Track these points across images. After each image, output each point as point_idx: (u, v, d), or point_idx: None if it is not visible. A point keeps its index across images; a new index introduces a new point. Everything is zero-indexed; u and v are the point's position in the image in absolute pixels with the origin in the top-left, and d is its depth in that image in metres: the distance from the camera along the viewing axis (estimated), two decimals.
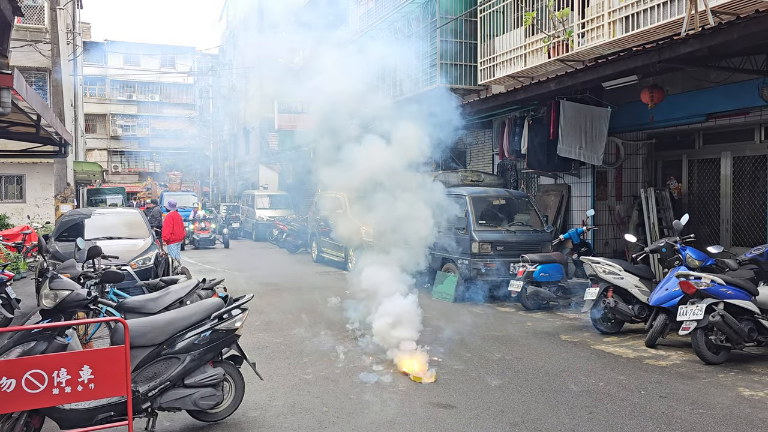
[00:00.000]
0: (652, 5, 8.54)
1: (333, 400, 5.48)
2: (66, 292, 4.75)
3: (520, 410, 5.19)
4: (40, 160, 19.64)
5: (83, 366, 3.87)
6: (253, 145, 33.68)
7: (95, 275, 6.39)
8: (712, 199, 10.52)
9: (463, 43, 14.17)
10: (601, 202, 11.80)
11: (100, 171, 32.10)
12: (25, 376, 3.72)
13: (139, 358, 4.49)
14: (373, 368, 6.43)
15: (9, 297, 8.09)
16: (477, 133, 14.93)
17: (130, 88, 54.08)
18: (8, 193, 21.01)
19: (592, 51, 9.79)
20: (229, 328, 4.80)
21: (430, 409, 5.25)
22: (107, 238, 10.35)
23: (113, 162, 54.17)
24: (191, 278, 7.98)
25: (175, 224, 13.75)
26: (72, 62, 26.43)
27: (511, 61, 11.76)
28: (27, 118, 7.80)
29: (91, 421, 4.23)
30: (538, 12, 10.76)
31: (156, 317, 4.88)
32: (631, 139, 11.58)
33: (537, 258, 9.85)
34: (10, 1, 4.06)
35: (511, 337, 7.89)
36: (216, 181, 48.16)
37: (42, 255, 7.30)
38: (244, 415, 5.07)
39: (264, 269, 15.55)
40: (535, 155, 11.84)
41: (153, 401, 4.49)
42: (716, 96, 9.36)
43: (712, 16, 7.47)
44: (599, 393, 5.63)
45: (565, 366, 6.55)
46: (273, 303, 10.34)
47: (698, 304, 6.62)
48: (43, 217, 19.94)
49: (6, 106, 5.43)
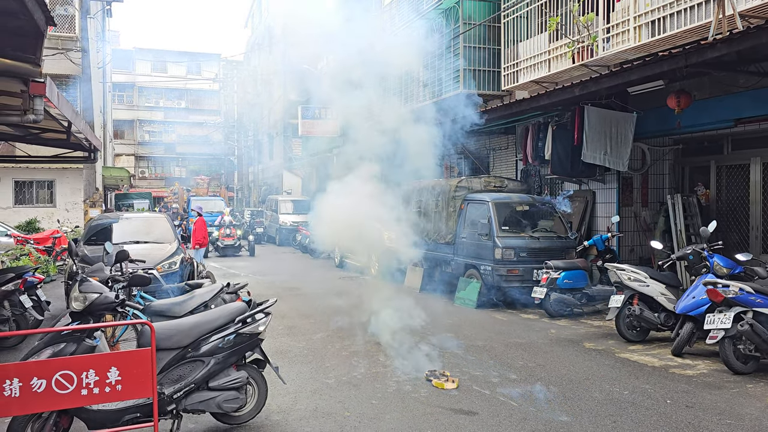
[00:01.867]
0: (678, 9, 8.43)
1: (355, 405, 5.50)
2: (95, 295, 4.84)
3: (542, 418, 5.15)
4: (70, 166, 20.07)
5: (111, 367, 3.94)
6: (277, 151, 33.95)
7: (123, 279, 6.51)
8: (741, 205, 10.33)
9: (487, 48, 14.14)
10: (626, 209, 11.66)
11: (128, 176, 32.66)
12: (55, 376, 3.80)
13: (165, 361, 4.56)
14: (396, 374, 6.43)
15: (39, 299, 8.27)
16: (500, 138, 14.87)
17: (157, 94, 54.98)
18: (39, 198, 21.49)
19: (618, 56, 9.70)
20: (253, 332, 4.85)
21: (452, 415, 5.23)
22: (134, 242, 10.53)
23: (140, 167, 55.10)
24: (216, 282, 8.08)
25: (198, 230, 14.05)
26: (101, 70, 26.97)
27: (535, 67, 11.71)
28: (58, 125, 7.99)
29: (117, 421, 4.32)
30: (563, 17, 10.70)
31: (181, 320, 4.96)
32: (657, 145, 11.44)
33: (561, 264, 9.77)
34: (44, 11, 4.17)
35: (535, 345, 7.83)
36: (240, 186, 48.63)
37: (72, 258, 7.46)
38: (266, 419, 5.12)
39: (287, 274, 15.66)
40: (559, 161, 11.75)
41: (178, 403, 4.56)
42: (745, 101, 9.21)
43: (740, 20, 7.36)
44: (624, 402, 5.56)
45: (588, 374, 6.49)
46: (296, 308, 10.41)
47: (726, 313, 6.51)
48: (72, 221, 20.34)
49: (39, 113, 5.57)
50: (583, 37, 10.15)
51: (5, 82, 5.56)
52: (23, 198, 21.30)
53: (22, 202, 21.22)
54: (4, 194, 20.51)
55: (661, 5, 8.72)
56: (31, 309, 7.92)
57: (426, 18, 15.18)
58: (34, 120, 5.64)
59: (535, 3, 11.68)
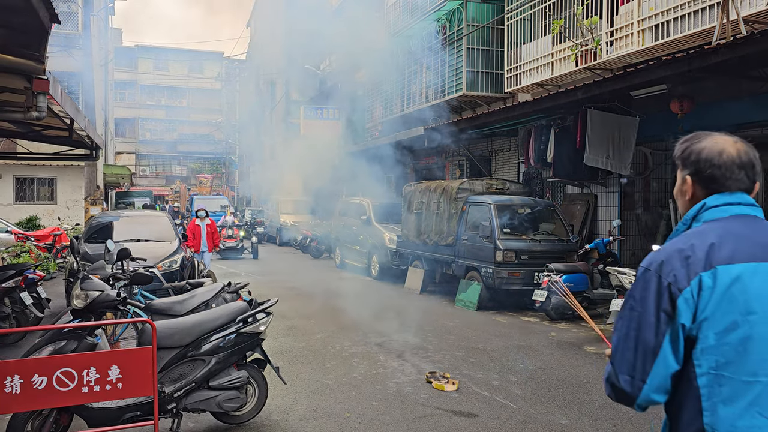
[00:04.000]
0: (682, 14, 8.43)
1: (355, 405, 5.49)
2: (96, 292, 4.84)
3: (542, 421, 5.14)
4: (71, 163, 20.08)
5: (112, 365, 3.94)
6: (279, 150, 33.90)
7: (124, 277, 6.51)
8: None
9: (490, 50, 14.15)
10: (628, 212, 11.65)
11: (129, 174, 32.67)
12: (56, 374, 3.80)
13: (166, 360, 4.55)
14: (396, 375, 6.43)
15: (40, 296, 8.26)
16: (502, 140, 14.87)
17: (159, 93, 55.01)
18: (40, 195, 21.51)
19: (621, 59, 9.70)
20: (254, 332, 4.85)
21: (452, 417, 5.23)
22: (135, 240, 10.52)
23: (141, 165, 55.11)
24: (217, 282, 8.07)
25: (196, 233, 13.96)
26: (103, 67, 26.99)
27: (538, 69, 11.71)
28: (60, 122, 7.97)
29: (118, 420, 4.31)
30: (566, 20, 10.71)
31: (182, 319, 4.95)
32: (659, 149, 11.43)
33: (562, 268, 9.76)
34: (48, 8, 4.16)
35: (535, 348, 7.82)
36: (241, 186, 48.65)
37: (74, 256, 7.45)
38: (266, 419, 5.11)
39: (287, 274, 15.66)
40: (562, 164, 11.74)
41: (178, 402, 4.55)
42: (748, 106, 9.19)
43: (744, 25, 7.36)
44: (624, 406, 5.54)
45: (589, 377, 6.48)
46: (296, 308, 10.40)
47: None
48: (73, 219, 20.35)
49: (42, 110, 5.56)
50: (586, 41, 10.15)
51: (9, 78, 5.56)
52: (24, 195, 21.31)
53: (23, 199, 21.24)
54: (5, 191, 20.52)
55: (664, 9, 8.72)
56: (31, 306, 7.91)
57: (429, 19, 15.21)
58: (37, 117, 5.63)
59: (538, 6, 11.68)
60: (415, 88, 16.46)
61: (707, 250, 1.68)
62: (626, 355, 1.73)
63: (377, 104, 19.45)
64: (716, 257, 1.67)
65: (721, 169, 1.82)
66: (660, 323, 1.68)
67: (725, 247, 1.69)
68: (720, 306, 1.64)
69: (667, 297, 1.68)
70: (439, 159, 17.46)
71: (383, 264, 14.37)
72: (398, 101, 17.51)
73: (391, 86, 17.99)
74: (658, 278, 1.71)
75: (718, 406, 1.63)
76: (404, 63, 17.01)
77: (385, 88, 18.50)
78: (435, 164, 17.92)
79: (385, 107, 18.56)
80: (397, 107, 17.54)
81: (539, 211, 11.33)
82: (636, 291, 1.76)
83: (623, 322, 1.76)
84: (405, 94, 17.02)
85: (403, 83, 17.16)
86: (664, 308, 1.68)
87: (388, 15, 18.30)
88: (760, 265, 1.67)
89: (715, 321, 1.64)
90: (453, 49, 14.44)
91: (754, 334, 1.63)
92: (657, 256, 1.75)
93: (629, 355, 1.72)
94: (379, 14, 18.28)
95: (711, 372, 1.65)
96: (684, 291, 1.66)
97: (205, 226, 14.18)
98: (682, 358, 1.68)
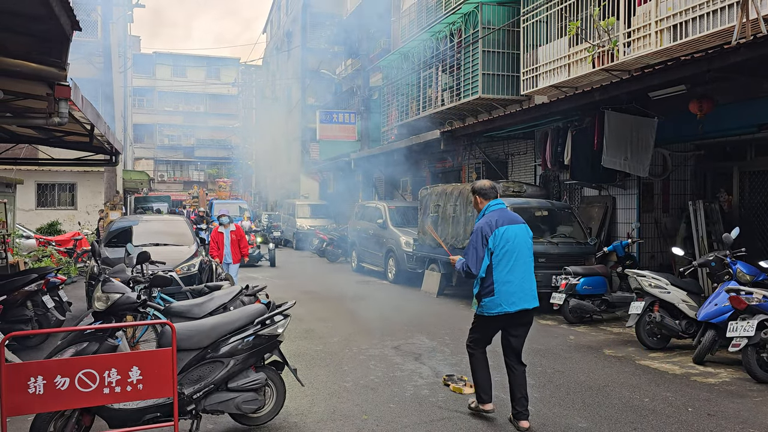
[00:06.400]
0: (701, 14, 8.35)
1: (372, 408, 5.50)
2: (117, 295, 4.90)
3: (561, 424, 5.11)
4: (91, 169, 20.38)
5: (132, 367, 3.98)
6: (295, 155, 34.12)
7: (144, 280, 6.58)
8: (766, 212, 10.17)
9: (505, 53, 14.11)
10: (647, 215, 11.53)
11: (147, 180, 33.04)
12: (78, 375, 3.84)
13: (185, 361, 4.59)
14: (413, 378, 6.42)
15: (61, 300, 8.38)
16: (519, 143, 14.80)
17: (176, 99, 55.61)
18: (61, 200, 21.83)
19: (639, 60, 9.62)
20: (272, 334, 4.87)
21: (470, 420, 5.21)
22: (154, 244, 10.62)
23: (159, 171, 55.71)
24: (235, 285, 8.13)
25: (219, 242, 12.13)
26: (122, 74, 27.35)
27: (554, 71, 11.65)
28: (81, 128, 8.09)
29: (138, 421, 4.35)
30: (583, 21, 10.64)
31: (201, 321, 4.99)
32: (678, 150, 11.30)
33: (580, 270, 9.68)
34: (69, 16, 4.23)
35: (553, 351, 7.77)
36: (258, 190, 48.96)
37: (95, 259, 7.54)
38: (284, 420, 5.14)
39: (304, 278, 15.71)
40: (579, 166, 11.66)
41: (197, 403, 4.59)
42: None
43: (764, 24, 7.27)
44: (644, 409, 5.49)
45: (608, 381, 6.42)
46: (313, 311, 10.43)
47: (749, 320, 6.41)
48: (93, 224, 20.62)
49: (64, 116, 5.65)
50: (603, 42, 10.08)
51: (31, 85, 5.66)
52: (45, 201, 21.65)
53: (44, 204, 21.57)
54: (27, 197, 20.84)
55: (683, 9, 8.64)
56: (53, 309, 8.02)
57: (444, 23, 15.21)
58: (58, 123, 5.72)
59: (554, 8, 11.63)
60: (431, 91, 16.46)
61: (495, 221, 4.97)
62: (472, 259, 4.94)
63: (393, 108, 19.48)
64: (497, 223, 4.96)
65: (487, 190, 5.18)
66: (483, 247, 4.94)
67: (500, 220, 4.98)
68: (500, 240, 4.92)
69: (483, 238, 4.94)
70: (456, 162, 17.44)
71: (400, 267, 14.37)
72: (414, 105, 17.52)
73: (407, 90, 18.01)
74: (481, 231, 4.97)
75: (497, 271, 4.93)
76: (420, 66, 17.02)
77: (401, 92, 18.53)
78: (451, 167, 17.89)
79: (401, 111, 18.58)
80: (412, 111, 17.55)
81: (556, 214, 11.26)
82: (474, 236, 4.98)
83: (470, 246, 4.99)
84: (421, 97, 17.02)
85: (419, 87, 17.17)
86: (483, 242, 4.93)
87: (402, 19, 18.34)
88: (510, 226, 4.99)
89: (498, 245, 4.91)
90: (468, 52, 14.42)
91: (509, 248, 4.94)
92: (482, 224, 5.00)
93: (473, 259, 4.94)
94: (395, 18, 18.32)
95: (495, 260, 4.93)
96: (490, 236, 4.93)
97: (229, 233, 12.15)
98: (489, 259, 4.93)
